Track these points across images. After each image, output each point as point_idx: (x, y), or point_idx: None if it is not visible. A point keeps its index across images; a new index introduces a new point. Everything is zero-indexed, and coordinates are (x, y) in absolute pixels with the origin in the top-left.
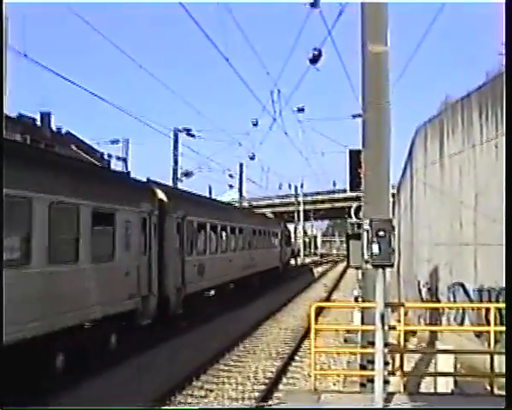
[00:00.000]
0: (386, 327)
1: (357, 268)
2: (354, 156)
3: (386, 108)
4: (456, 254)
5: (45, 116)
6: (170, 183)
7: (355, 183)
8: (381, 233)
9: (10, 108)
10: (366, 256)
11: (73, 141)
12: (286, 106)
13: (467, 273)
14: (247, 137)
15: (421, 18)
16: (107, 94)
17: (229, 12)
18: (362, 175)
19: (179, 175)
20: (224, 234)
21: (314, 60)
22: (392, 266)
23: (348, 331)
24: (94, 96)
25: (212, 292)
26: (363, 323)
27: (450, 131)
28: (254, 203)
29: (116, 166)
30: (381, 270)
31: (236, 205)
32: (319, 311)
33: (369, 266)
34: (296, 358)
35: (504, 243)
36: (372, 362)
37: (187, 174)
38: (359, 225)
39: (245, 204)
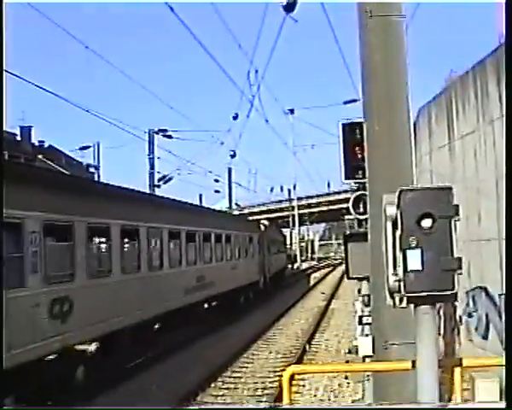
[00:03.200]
0: None
1: (359, 280)
2: (348, 133)
3: (399, 25)
4: (475, 253)
5: (25, 130)
6: (147, 189)
7: (351, 168)
8: (428, 223)
9: None
10: (392, 279)
11: (56, 155)
12: (264, 90)
13: (490, 275)
14: (228, 134)
15: None
16: (77, 98)
17: None
18: (360, 154)
19: (156, 180)
20: (275, 244)
21: (289, 7)
22: (455, 297)
23: (350, 352)
24: (67, 102)
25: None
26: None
27: (461, 107)
28: (246, 211)
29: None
30: (427, 308)
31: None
32: (313, 331)
33: (398, 300)
34: None
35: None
36: None
37: (165, 179)
38: (360, 222)
39: (236, 212)
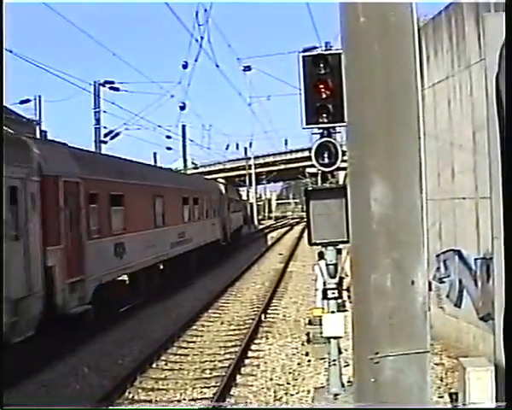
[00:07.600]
0: None
1: (324, 246)
2: (310, 67)
3: None
4: (448, 212)
5: None
6: (92, 146)
7: (314, 110)
8: None
9: None
10: None
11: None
12: (216, 37)
13: (464, 237)
14: (179, 87)
15: None
16: (18, 48)
17: None
18: (325, 92)
19: (102, 136)
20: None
21: None
22: None
23: (310, 323)
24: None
25: None
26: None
27: (432, 52)
28: (202, 169)
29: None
30: None
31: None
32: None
33: None
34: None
35: None
36: None
37: (111, 135)
38: (324, 177)
39: (190, 171)
